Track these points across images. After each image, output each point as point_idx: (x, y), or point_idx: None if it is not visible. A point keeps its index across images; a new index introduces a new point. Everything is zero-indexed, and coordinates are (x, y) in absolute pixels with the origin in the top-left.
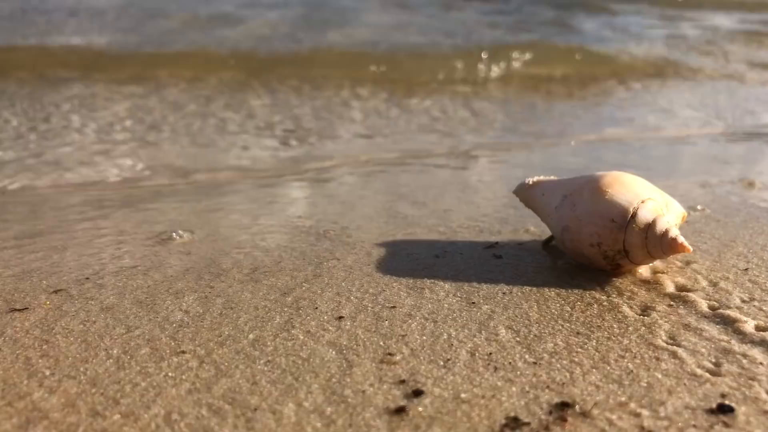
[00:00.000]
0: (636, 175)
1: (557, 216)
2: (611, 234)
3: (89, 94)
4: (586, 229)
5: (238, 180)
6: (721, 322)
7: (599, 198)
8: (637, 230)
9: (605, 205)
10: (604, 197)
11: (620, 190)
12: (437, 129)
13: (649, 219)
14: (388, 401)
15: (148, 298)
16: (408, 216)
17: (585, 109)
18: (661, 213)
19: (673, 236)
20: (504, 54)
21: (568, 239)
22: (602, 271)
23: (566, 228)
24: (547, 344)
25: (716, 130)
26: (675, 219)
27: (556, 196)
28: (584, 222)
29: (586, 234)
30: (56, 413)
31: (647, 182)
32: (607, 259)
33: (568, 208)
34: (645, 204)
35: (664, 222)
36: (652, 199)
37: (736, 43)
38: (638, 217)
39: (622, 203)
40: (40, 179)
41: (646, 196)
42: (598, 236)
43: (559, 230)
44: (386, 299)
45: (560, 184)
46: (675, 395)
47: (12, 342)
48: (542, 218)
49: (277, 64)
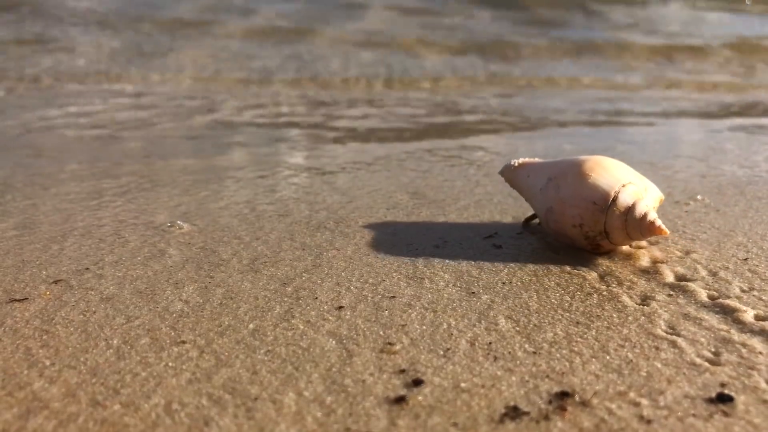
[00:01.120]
0: (617, 160)
1: (542, 197)
2: (593, 216)
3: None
4: (569, 211)
5: (239, 168)
6: (720, 312)
7: (582, 181)
8: (617, 213)
9: (588, 189)
10: (587, 181)
11: (602, 174)
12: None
13: (629, 203)
14: (388, 391)
15: (148, 288)
16: (408, 206)
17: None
18: (640, 197)
19: (651, 219)
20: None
21: (552, 220)
22: (602, 261)
23: (550, 209)
24: (546, 334)
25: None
26: (653, 203)
27: (542, 178)
28: (568, 204)
29: (569, 215)
30: (57, 403)
31: (627, 167)
32: (588, 240)
33: (552, 190)
34: (626, 188)
35: (643, 206)
36: (633, 184)
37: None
38: (619, 201)
39: (604, 187)
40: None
41: (627, 180)
42: (580, 218)
43: (544, 211)
44: (386, 289)
45: (545, 166)
46: (674, 384)
47: (12, 332)
48: (526, 198)
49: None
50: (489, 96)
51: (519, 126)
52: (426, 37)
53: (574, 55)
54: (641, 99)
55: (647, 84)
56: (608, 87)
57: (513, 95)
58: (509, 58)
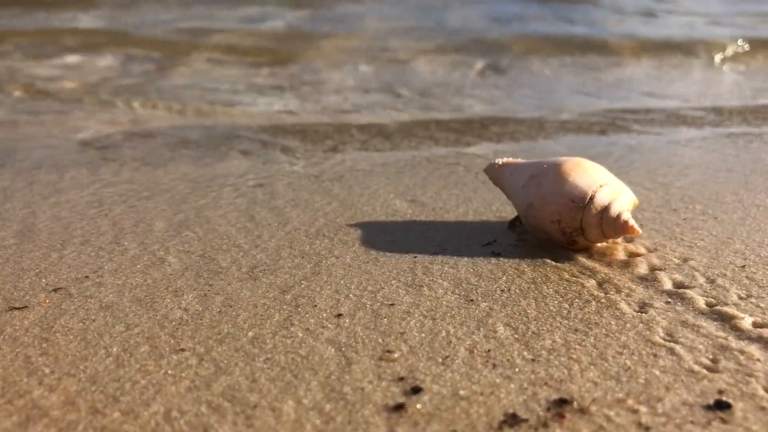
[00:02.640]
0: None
1: (523, 194)
2: (571, 213)
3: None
4: (548, 207)
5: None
6: (718, 319)
7: (563, 180)
8: (594, 211)
9: (567, 187)
10: (567, 180)
11: (581, 175)
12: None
13: (605, 202)
14: (387, 398)
15: (147, 296)
16: (406, 213)
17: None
18: (615, 198)
19: (625, 219)
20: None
21: (532, 215)
22: (600, 269)
23: (531, 205)
24: (545, 341)
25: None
26: (627, 204)
27: (523, 176)
28: (548, 201)
29: (549, 211)
30: (56, 411)
31: (605, 169)
32: (565, 235)
33: (533, 187)
34: (602, 188)
35: (618, 206)
36: (609, 185)
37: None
38: (596, 200)
39: (582, 186)
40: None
41: (604, 181)
42: (558, 214)
43: (524, 207)
44: (385, 297)
45: (527, 165)
46: (672, 391)
47: (12, 340)
48: (508, 196)
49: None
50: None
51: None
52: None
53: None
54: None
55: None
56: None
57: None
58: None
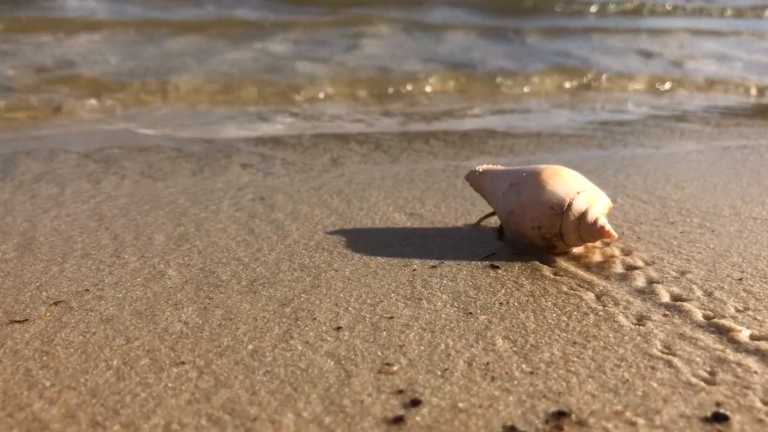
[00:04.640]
0: (572, 170)
1: (504, 201)
2: (550, 219)
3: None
4: (529, 214)
5: (238, 189)
6: (715, 332)
7: (541, 188)
8: (572, 218)
9: (546, 195)
10: (545, 188)
11: (559, 183)
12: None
13: (583, 208)
14: (386, 411)
15: (147, 310)
16: (406, 226)
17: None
18: (592, 204)
19: (602, 224)
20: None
21: (512, 222)
22: (599, 282)
23: (511, 212)
24: (543, 354)
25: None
26: (603, 209)
27: (504, 183)
28: (528, 208)
29: (529, 218)
30: (56, 424)
31: (582, 176)
32: (545, 241)
33: (514, 195)
34: (579, 195)
35: (595, 211)
36: (586, 192)
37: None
38: (573, 207)
39: (561, 194)
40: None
41: (581, 188)
42: (538, 221)
43: (505, 213)
44: (384, 310)
45: (507, 173)
46: (670, 404)
47: (12, 353)
48: (489, 202)
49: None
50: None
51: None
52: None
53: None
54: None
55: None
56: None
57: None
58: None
